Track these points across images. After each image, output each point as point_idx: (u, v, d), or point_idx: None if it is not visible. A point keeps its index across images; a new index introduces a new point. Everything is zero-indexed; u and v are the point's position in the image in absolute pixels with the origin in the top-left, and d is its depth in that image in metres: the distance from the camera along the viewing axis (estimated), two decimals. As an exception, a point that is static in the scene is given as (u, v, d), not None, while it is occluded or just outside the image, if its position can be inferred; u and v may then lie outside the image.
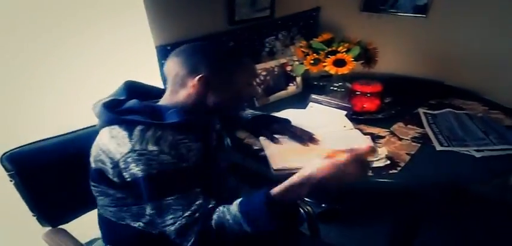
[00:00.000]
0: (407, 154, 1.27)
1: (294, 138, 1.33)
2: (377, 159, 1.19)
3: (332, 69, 1.60)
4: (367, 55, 1.73)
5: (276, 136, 1.35)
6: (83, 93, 1.44)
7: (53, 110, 1.46)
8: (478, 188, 2.03)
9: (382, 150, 1.22)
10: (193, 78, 1.01)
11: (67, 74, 1.46)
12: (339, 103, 1.57)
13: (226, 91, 1.06)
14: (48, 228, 1.10)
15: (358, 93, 1.64)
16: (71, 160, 1.10)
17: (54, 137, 1.15)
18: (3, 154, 1.04)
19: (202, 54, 1.04)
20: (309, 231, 1.35)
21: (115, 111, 0.97)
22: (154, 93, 1.13)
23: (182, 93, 1.03)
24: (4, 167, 1.03)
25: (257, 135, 1.41)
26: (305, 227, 1.35)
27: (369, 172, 1.02)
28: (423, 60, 2.11)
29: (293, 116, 1.45)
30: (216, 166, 1.15)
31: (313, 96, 1.65)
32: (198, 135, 1.03)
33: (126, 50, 1.57)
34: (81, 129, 1.22)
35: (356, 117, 1.54)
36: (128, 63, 1.57)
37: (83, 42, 1.47)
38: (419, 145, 1.34)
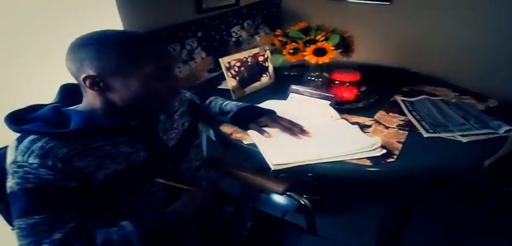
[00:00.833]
0: (398, 142, 1.30)
1: (284, 130, 1.32)
2: (373, 148, 1.21)
3: (312, 59, 1.60)
4: (345, 43, 1.75)
5: (265, 129, 1.33)
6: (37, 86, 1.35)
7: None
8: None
9: (377, 139, 1.24)
10: (81, 77, 0.90)
11: (22, 66, 1.36)
12: (322, 93, 1.57)
13: (126, 90, 0.92)
14: None
15: (337, 82, 1.65)
16: None
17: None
18: None
19: (87, 49, 0.90)
20: (306, 225, 1.34)
21: (25, 119, 0.91)
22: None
23: (89, 94, 0.94)
24: None
25: (244, 128, 1.38)
26: (303, 222, 1.34)
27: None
28: (390, 48, 2.18)
29: (277, 108, 1.43)
30: (175, 167, 1.08)
31: (293, 86, 1.64)
32: (130, 136, 0.96)
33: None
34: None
35: (338, 107, 1.55)
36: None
37: (41, 26, 1.36)
38: (406, 132, 1.37)
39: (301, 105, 1.56)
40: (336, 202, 2.36)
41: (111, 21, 1.53)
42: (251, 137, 1.31)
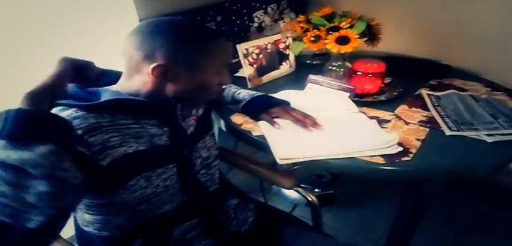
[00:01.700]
0: (417, 140, 1.24)
1: (296, 122, 1.29)
2: (389, 145, 1.16)
3: (334, 47, 1.55)
4: (371, 32, 1.68)
5: (277, 120, 1.30)
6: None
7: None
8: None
9: (394, 136, 1.19)
10: (149, 65, 0.89)
11: (41, 51, 1.37)
12: (341, 84, 1.52)
13: (188, 82, 0.94)
14: None
15: (359, 73, 1.59)
16: None
17: None
18: None
19: (162, 37, 0.90)
20: (312, 221, 1.32)
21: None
22: (112, 77, 1.02)
23: (137, 80, 0.93)
24: None
25: (256, 118, 1.36)
26: (309, 217, 1.32)
27: None
28: (420, 38, 2.09)
29: (292, 98, 1.40)
30: (192, 157, 1.07)
31: (312, 76, 1.60)
32: (159, 119, 0.96)
33: (107, 22, 1.48)
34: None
35: (358, 100, 1.50)
36: (110, 38, 1.48)
37: (57, 12, 1.38)
38: (427, 130, 1.31)
39: (318, 96, 1.52)
40: (350, 197, 2.33)
41: (125, 6, 1.53)
42: (261, 129, 1.29)
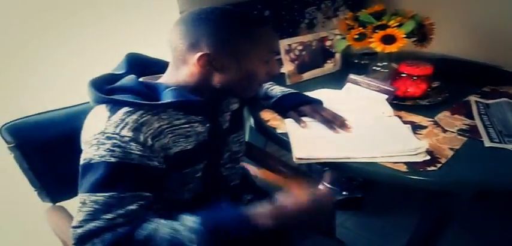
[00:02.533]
0: (450, 149, 1.18)
1: (324, 122, 1.27)
2: (415, 153, 1.12)
3: (378, 46, 1.50)
4: (422, 32, 1.61)
5: (304, 119, 1.30)
6: (97, 64, 1.42)
7: (59, 82, 1.45)
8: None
9: (424, 143, 1.14)
10: (194, 55, 0.90)
11: (78, 44, 1.44)
12: (380, 86, 1.48)
13: (236, 71, 0.94)
14: (48, 205, 1.10)
15: (403, 75, 1.54)
16: (73, 134, 1.07)
17: (57, 110, 1.13)
18: (3, 125, 1.03)
19: (206, 25, 0.90)
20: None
21: (106, 89, 0.92)
22: (160, 66, 1.05)
23: (184, 71, 0.94)
24: (4, 139, 1.02)
25: (284, 115, 1.36)
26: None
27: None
28: (479, 40, 1.96)
29: (327, 97, 1.39)
30: (223, 151, 1.09)
31: (352, 76, 1.57)
32: (204, 116, 0.97)
33: (149, 16, 1.54)
34: (86, 102, 1.20)
35: (397, 103, 1.46)
36: (152, 31, 1.55)
37: (99, 7, 1.45)
38: (465, 139, 1.24)
39: (354, 97, 1.50)
40: (377, 203, 2.27)
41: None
42: (286, 126, 1.30)
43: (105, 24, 1.48)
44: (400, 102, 1.47)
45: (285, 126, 1.31)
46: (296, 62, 1.74)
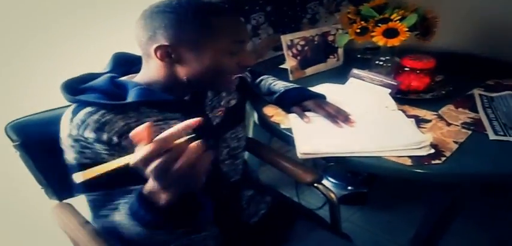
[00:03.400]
0: (454, 142, 1.18)
1: (327, 117, 1.28)
2: (420, 147, 1.12)
3: (381, 40, 1.50)
4: (425, 25, 1.61)
5: (307, 113, 1.30)
6: (94, 61, 1.40)
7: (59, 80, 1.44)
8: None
9: (428, 137, 1.14)
10: (152, 47, 0.89)
11: (77, 42, 1.44)
12: (384, 80, 1.49)
13: (197, 63, 0.92)
14: (55, 202, 1.11)
15: (406, 69, 1.54)
16: None
17: (60, 108, 1.10)
18: (8, 124, 1.03)
19: (162, 17, 0.89)
20: (330, 219, 1.32)
21: (79, 89, 0.92)
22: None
23: (152, 66, 0.93)
24: (9, 137, 1.03)
25: (287, 110, 1.37)
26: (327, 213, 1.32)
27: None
28: (479, 33, 1.95)
29: (330, 92, 1.39)
30: (220, 148, 1.08)
31: (355, 70, 1.58)
32: (182, 113, 0.96)
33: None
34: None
35: (401, 97, 1.46)
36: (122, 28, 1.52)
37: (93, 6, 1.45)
38: (470, 132, 1.24)
39: (358, 91, 1.50)
40: (383, 198, 2.28)
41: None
42: (290, 121, 1.30)
43: (106, 22, 1.47)
44: (403, 96, 1.47)
45: (288, 121, 1.31)
46: (298, 58, 1.74)
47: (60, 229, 1.05)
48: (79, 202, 1.00)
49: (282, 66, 1.84)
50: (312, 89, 1.42)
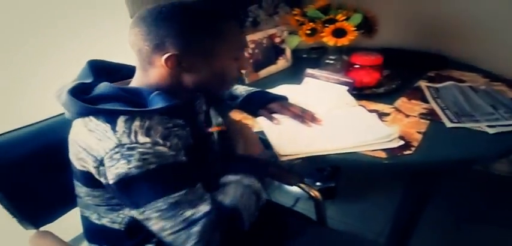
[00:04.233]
0: (418, 133, 1.25)
1: (295, 118, 1.29)
2: (390, 139, 1.17)
3: (331, 40, 1.55)
4: (367, 24, 1.69)
5: (275, 116, 1.30)
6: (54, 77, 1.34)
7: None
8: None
9: (395, 129, 1.19)
10: (160, 56, 0.86)
11: (34, 57, 1.36)
12: (339, 78, 1.53)
13: (206, 71, 0.91)
14: (32, 232, 1.01)
15: (356, 66, 1.60)
16: (44, 152, 1.01)
17: (21, 128, 1.05)
18: None
19: (168, 23, 0.86)
20: (316, 216, 1.33)
21: (87, 99, 0.85)
22: (125, 72, 1.00)
23: (153, 73, 0.90)
24: None
25: (254, 115, 1.36)
26: (312, 211, 1.33)
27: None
28: (416, 30, 2.09)
29: (290, 93, 1.40)
30: (210, 152, 1.07)
31: (309, 70, 1.60)
32: (185, 119, 0.92)
33: (99, 24, 1.47)
34: (52, 116, 1.12)
35: (356, 93, 1.50)
36: (104, 38, 1.48)
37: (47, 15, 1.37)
38: (428, 122, 1.32)
39: (316, 90, 1.52)
40: (351, 190, 2.37)
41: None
42: (260, 125, 1.29)
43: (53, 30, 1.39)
44: (359, 93, 1.52)
45: (257, 125, 1.30)
46: (251, 61, 1.74)
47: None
48: (58, 227, 0.92)
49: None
50: (271, 91, 1.43)
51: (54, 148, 0.94)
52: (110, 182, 0.80)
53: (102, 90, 0.88)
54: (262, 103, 1.34)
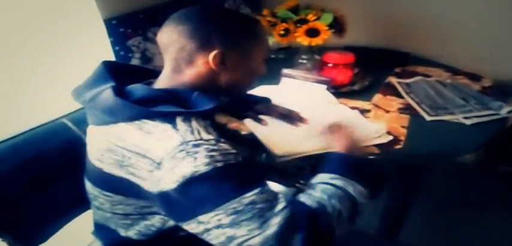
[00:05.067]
0: (402, 127, 1.30)
1: (282, 118, 1.29)
2: (379, 135, 1.21)
3: (305, 40, 1.58)
4: (337, 23, 1.73)
5: (262, 117, 1.30)
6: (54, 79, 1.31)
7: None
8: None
9: (383, 125, 1.24)
10: (207, 54, 0.86)
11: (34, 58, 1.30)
12: (316, 77, 1.55)
13: (243, 70, 0.93)
14: None
15: (330, 65, 1.64)
16: (32, 164, 0.96)
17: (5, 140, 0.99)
18: None
19: (217, 22, 0.88)
20: None
21: (135, 102, 0.81)
22: (145, 73, 0.98)
23: (189, 73, 0.88)
24: None
25: (239, 117, 1.34)
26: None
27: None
28: (378, 28, 2.17)
29: (271, 94, 1.40)
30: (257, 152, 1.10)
31: (285, 71, 1.62)
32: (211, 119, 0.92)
33: (71, 27, 1.40)
34: (37, 126, 1.06)
35: (334, 92, 1.53)
36: (75, 44, 1.41)
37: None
38: (408, 116, 1.38)
39: (296, 90, 1.54)
40: None
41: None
42: (248, 127, 1.28)
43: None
44: (336, 91, 1.55)
45: (246, 127, 1.29)
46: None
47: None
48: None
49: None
50: (251, 92, 1.42)
51: (41, 160, 0.91)
52: (171, 186, 0.74)
53: (144, 92, 0.84)
54: (246, 105, 1.33)
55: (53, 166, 0.96)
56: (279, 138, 1.21)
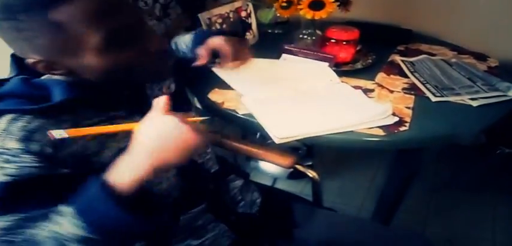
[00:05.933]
0: (407, 108, 1.27)
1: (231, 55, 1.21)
2: (385, 116, 1.17)
3: (308, 13, 1.52)
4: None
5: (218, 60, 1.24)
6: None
7: None
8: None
9: (388, 105, 1.20)
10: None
11: None
12: (318, 54, 1.51)
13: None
14: None
15: (332, 41, 1.59)
16: None
17: None
18: None
19: None
20: (312, 196, 1.33)
21: None
22: None
23: (76, 58, 0.74)
24: None
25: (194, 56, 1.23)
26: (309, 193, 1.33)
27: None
28: (380, 3, 2.13)
29: (270, 68, 1.38)
30: None
31: (286, 46, 1.57)
32: (126, 108, 0.84)
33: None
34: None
35: (335, 69, 1.49)
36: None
37: None
38: (413, 97, 1.34)
39: (297, 66, 1.50)
40: (327, 167, 2.44)
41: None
42: (246, 107, 1.24)
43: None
44: (338, 69, 1.51)
45: (244, 107, 1.25)
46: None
47: None
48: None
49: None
50: (247, 67, 1.36)
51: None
52: None
53: (12, 85, 0.77)
54: (201, 39, 1.23)
55: None
56: (280, 119, 1.17)
